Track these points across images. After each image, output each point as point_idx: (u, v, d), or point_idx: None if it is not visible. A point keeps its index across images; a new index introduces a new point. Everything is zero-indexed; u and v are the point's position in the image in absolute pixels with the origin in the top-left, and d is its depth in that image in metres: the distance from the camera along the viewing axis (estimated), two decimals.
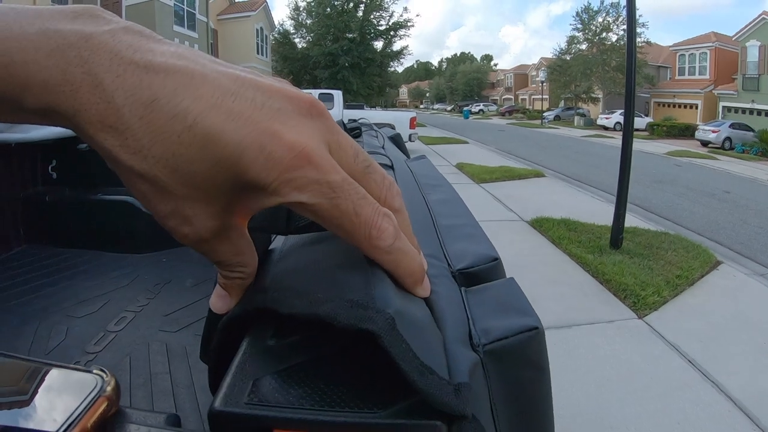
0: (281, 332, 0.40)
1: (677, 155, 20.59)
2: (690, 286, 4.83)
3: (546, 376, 0.52)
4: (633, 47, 5.65)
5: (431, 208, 0.94)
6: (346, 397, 0.34)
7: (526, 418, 0.51)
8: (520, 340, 0.48)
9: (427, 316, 0.42)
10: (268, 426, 0.32)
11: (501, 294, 0.58)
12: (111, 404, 0.35)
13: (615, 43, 39.69)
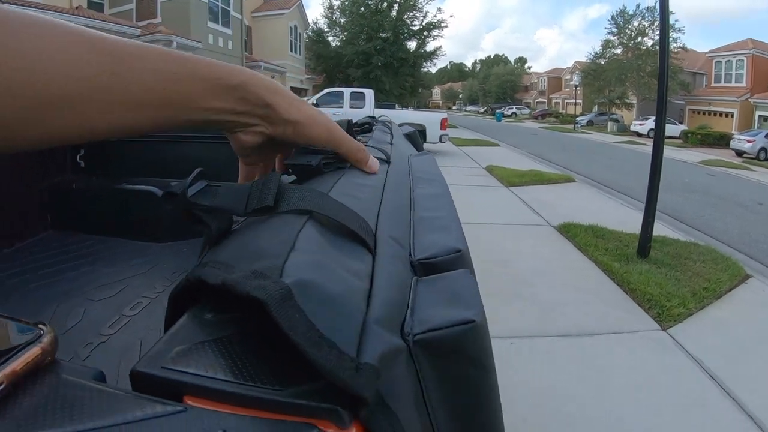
0: (220, 307, 0.41)
1: (711, 164, 20.25)
2: (717, 299, 4.74)
3: (489, 376, 0.50)
4: (666, 52, 5.57)
5: (414, 200, 0.93)
6: (260, 372, 0.34)
7: (467, 420, 0.49)
8: (455, 332, 0.45)
9: (350, 294, 0.40)
10: (179, 392, 0.33)
11: (451, 285, 0.55)
12: (45, 354, 0.36)
13: (650, 48, 39.20)
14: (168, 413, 0.32)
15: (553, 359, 3.43)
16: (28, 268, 2.08)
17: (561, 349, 3.59)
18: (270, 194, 0.54)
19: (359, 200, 0.63)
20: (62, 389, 0.34)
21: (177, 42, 18.53)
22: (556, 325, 3.93)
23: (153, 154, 2.70)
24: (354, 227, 0.55)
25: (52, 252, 2.25)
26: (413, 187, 1.05)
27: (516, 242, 6.21)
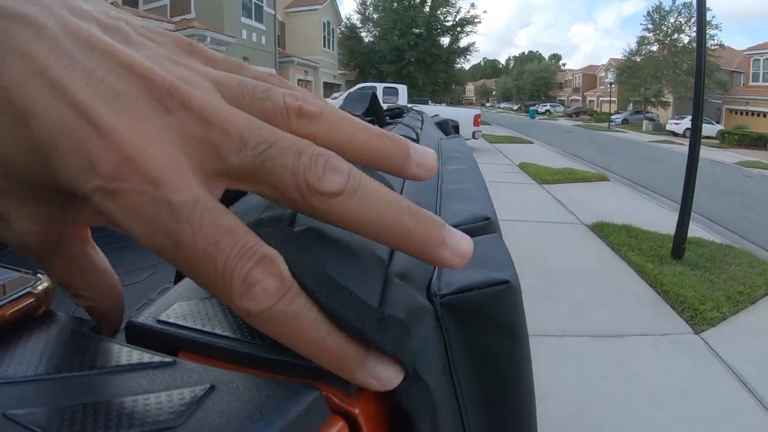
0: None
1: (748, 166, 19.80)
2: (752, 304, 4.66)
3: (522, 344, 0.44)
4: (703, 49, 5.48)
5: (442, 175, 0.89)
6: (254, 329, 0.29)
7: (497, 393, 0.44)
8: (485, 294, 0.41)
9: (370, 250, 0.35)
10: (175, 346, 0.31)
11: (481, 249, 0.43)
12: (39, 303, 0.35)
13: (687, 45, 38.49)
14: (155, 364, 0.29)
15: (583, 360, 3.41)
16: None
17: (591, 349, 3.58)
18: None
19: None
20: (52, 337, 0.33)
21: (211, 37, 18.73)
22: (587, 325, 3.91)
23: None
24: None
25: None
26: (441, 163, 0.99)
27: (548, 240, 6.17)
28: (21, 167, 0.24)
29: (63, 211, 0.27)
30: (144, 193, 0.22)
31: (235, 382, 0.27)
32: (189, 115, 0.24)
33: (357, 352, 0.25)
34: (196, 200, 0.22)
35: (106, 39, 0.24)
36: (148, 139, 0.23)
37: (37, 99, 0.22)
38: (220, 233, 0.22)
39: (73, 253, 0.30)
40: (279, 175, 0.24)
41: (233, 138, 0.24)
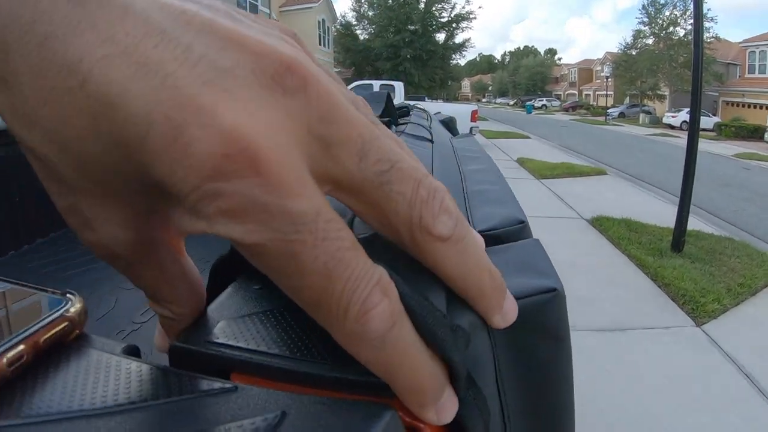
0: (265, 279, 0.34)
1: (745, 158, 19.82)
2: (752, 295, 4.68)
3: (566, 349, 0.45)
4: (700, 41, 5.49)
5: (464, 176, 0.87)
6: (319, 347, 0.29)
7: (540, 401, 0.44)
8: (534, 302, 0.41)
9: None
10: (225, 368, 0.30)
11: (522, 255, 0.50)
12: (73, 326, 0.32)
13: (683, 38, 38.45)
14: (216, 391, 0.27)
15: (586, 354, 3.43)
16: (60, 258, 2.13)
17: (594, 343, 3.60)
18: None
19: None
20: (93, 362, 0.31)
21: None
22: (589, 320, 3.93)
23: None
24: None
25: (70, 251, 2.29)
26: (460, 164, 1.00)
27: (548, 235, 6.18)
28: (104, 164, 0.21)
29: (153, 213, 0.24)
30: (255, 196, 0.19)
31: (304, 406, 0.26)
32: (308, 101, 0.20)
33: (441, 381, 0.24)
34: (319, 209, 0.20)
35: (205, 13, 0.21)
36: (259, 126, 0.19)
37: (122, 85, 0.18)
38: (343, 249, 0.20)
39: (164, 262, 0.27)
40: (394, 201, 0.22)
41: (354, 145, 0.21)
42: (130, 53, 0.18)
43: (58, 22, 0.19)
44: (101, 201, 0.23)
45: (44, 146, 0.21)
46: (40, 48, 0.19)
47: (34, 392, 0.28)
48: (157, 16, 0.19)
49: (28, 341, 0.29)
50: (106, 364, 0.30)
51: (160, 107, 0.18)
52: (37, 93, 0.19)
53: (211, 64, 0.19)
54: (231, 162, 0.18)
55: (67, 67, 0.19)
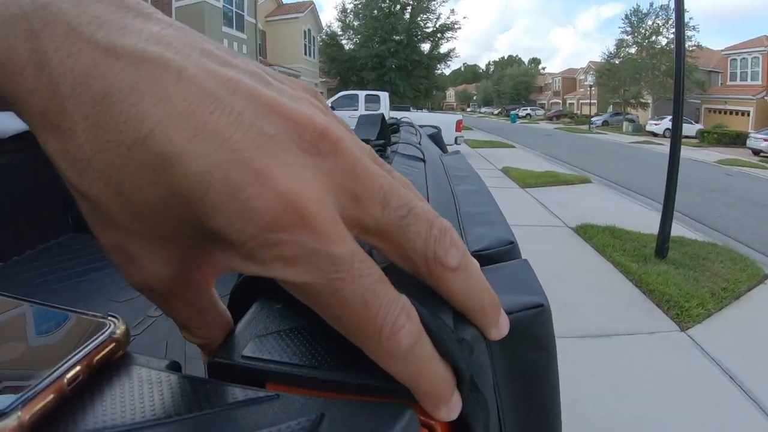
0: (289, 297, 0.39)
1: (728, 164, 20.08)
2: (736, 299, 4.74)
3: (552, 360, 0.52)
4: (682, 50, 5.57)
5: (456, 196, 0.94)
6: (343, 357, 0.33)
7: (530, 403, 0.51)
8: (524, 316, 0.48)
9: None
10: (261, 380, 0.34)
11: (513, 274, 0.58)
12: (119, 346, 0.36)
13: (665, 46, 38.91)
14: (262, 399, 0.31)
15: (573, 360, 3.45)
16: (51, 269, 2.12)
17: (580, 349, 3.62)
18: None
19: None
20: (143, 378, 0.34)
21: None
22: (576, 326, 3.96)
23: None
24: None
25: (75, 254, 2.28)
26: (452, 184, 1.07)
27: (533, 244, 6.21)
28: (158, 211, 0.23)
29: (195, 256, 0.27)
30: (305, 244, 0.22)
31: (338, 408, 0.30)
32: (339, 162, 0.24)
33: (452, 385, 0.28)
34: (354, 252, 0.23)
35: (247, 81, 0.24)
36: (305, 186, 0.22)
37: (183, 145, 0.21)
38: (375, 281, 0.24)
39: (198, 295, 0.30)
40: (413, 240, 0.26)
41: (378, 195, 0.25)
42: (189, 116, 0.21)
43: (112, 80, 0.21)
44: (150, 242, 0.25)
45: (96, 190, 0.23)
46: (97, 102, 0.21)
47: (93, 408, 0.31)
48: (209, 83, 0.22)
49: (82, 362, 0.32)
50: (155, 379, 0.34)
51: (220, 168, 0.21)
52: (92, 142, 0.22)
53: (260, 130, 0.22)
54: (285, 216, 0.22)
55: (128, 124, 0.21)
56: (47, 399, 0.30)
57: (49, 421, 0.29)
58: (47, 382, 0.30)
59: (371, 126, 1.19)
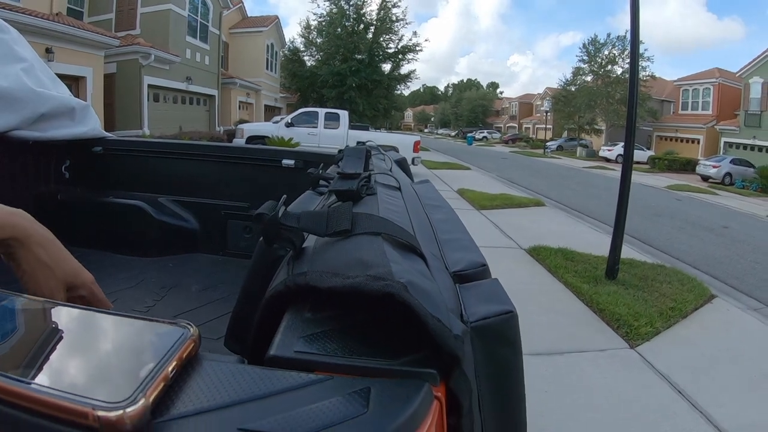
0: (314, 309, 0.56)
1: (677, 189, 20.68)
2: (683, 318, 4.87)
3: (519, 355, 0.67)
4: (635, 79, 5.75)
5: (433, 224, 1.13)
6: (370, 351, 0.49)
7: (501, 388, 0.65)
8: (498, 320, 0.63)
9: (436, 290, 0.55)
10: (310, 369, 0.45)
11: (486, 290, 0.74)
12: (197, 345, 0.48)
13: (620, 75, 39.92)
14: (321, 380, 0.44)
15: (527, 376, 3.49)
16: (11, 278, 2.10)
17: (533, 366, 3.65)
18: (347, 220, 0.70)
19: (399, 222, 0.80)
20: (223, 368, 0.47)
21: (155, 55, 18.48)
22: (528, 345, 3.95)
23: (139, 168, 2.73)
24: (412, 243, 0.71)
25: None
26: (426, 212, 1.26)
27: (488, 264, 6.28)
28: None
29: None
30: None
31: (378, 384, 0.44)
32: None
33: None
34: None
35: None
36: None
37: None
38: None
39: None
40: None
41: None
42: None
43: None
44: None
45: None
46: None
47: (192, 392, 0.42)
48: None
49: (179, 356, 0.45)
50: (233, 369, 0.47)
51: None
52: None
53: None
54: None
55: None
56: (159, 387, 0.41)
57: (162, 400, 0.40)
58: (157, 374, 0.42)
59: (357, 159, 1.28)
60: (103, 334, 0.54)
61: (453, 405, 0.52)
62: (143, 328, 0.53)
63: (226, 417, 0.39)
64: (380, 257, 0.58)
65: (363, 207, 0.87)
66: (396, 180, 1.31)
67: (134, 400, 0.38)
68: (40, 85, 2.20)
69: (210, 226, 2.64)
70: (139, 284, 2.21)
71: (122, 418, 0.37)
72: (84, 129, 2.49)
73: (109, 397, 0.39)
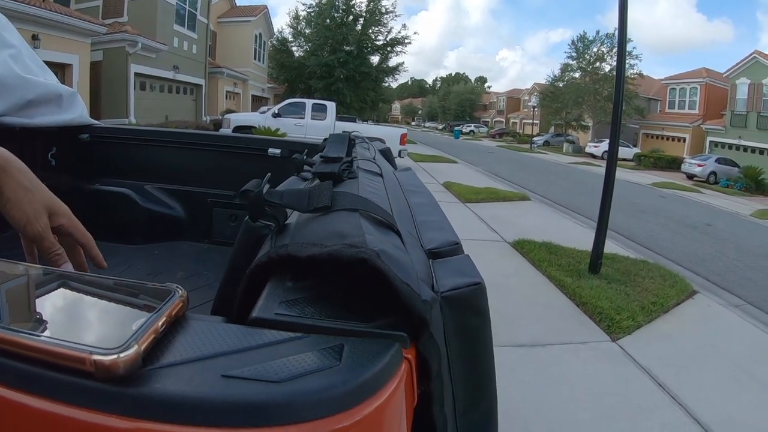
0: (295, 279, 0.60)
1: (662, 186, 20.83)
2: (665, 313, 4.92)
3: (487, 323, 0.71)
4: (622, 76, 5.79)
5: (412, 208, 1.18)
6: (346, 314, 0.53)
7: (470, 353, 0.69)
8: (467, 291, 0.67)
9: (407, 260, 0.59)
10: (289, 329, 0.49)
11: (457, 265, 0.79)
12: (185, 306, 0.53)
13: (608, 73, 40.10)
14: (298, 337, 0.48)
15: (509, 368, 3.50)
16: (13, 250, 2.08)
17: (517, 358, 3.69)
18: (327, 197, 0.75)
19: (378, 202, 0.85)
20: (209, 326, 0.51)
21: (142, 43, 18.26)
22: (512, 336, 4.03)
23: (126, 156, 2.72)
24: (388, 220, 0.76)
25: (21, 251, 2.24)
26: (407, 197, 1.31)
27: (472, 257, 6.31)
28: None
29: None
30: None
31: (350, 342, 0.48)
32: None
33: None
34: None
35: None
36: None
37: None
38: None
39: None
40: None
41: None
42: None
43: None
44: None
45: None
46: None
47: (177, 344, 0.47)
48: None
49: (168, 314, 0.49)
50: (218, 327, 0.51)
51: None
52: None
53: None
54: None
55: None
56: (150, 338, 0.45)
57: (152, 350, 0.45)
58: (148, 327, 0.46)
59: (340, 144, 1.34)
60: (98, 293, 0.58)
61: (423, 369, 0.57)
62: (136, 289, 0.57)
63: (210, 366, 0.43)
64: (356, 229, 0.64)
65: (343, 188, 0.92)
66: (378, 167, 1.35)
67: (127, 347, 0.42)
68: (27, 72, 2.18)
69: (196, 213, 2.64)
70: (125, 271, 2.21)
71: (116, 362, 0.40)
72: (71, 116, 2.47)
73: (104, 344, 0.42)
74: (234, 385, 0.41)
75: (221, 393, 0.40)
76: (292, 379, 0.41)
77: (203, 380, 0.41)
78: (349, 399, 0.42)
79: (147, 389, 0.40)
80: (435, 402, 0.60)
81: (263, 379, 0.41)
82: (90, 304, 0.57)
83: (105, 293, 0.58)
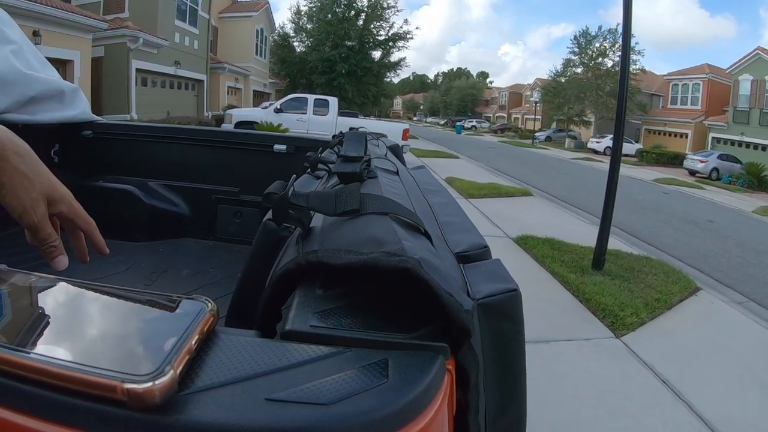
0: (325, 286, 0.57)
1: (665, 183, 20.78)
2: (668, 309, 4.92)
3: (521, 331, 0.71)
4: (626, 72, 5.77)
5: (433, 208, 1.15)
6: (383, 326, 0.51)
7: (504, 362, 0.68)
8: (503, 298, 0.66)
9: (446, 267, 0.57)
10: (327, 344, 0.47)
11: (490, 269, 0.77)
12: (215, 319, 0.50)
13: (610, 68, 39.97)
14: (340, 352, 0.46)
15: None
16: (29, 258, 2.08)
17: None
18: (356, 200, 0.73)
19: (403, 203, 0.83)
20: (242, 341, 0.49)
21: (144, 38, 18.26)
22: None
23: (129, 152, 2.71)
24: (418, 224, 0.74)
25: (25, 248, 2.24)
26: (425, 196, 1.28)
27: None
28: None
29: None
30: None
31: (395, 356, 0.47)
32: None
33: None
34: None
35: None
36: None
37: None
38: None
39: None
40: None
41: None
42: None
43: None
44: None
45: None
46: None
47: (213, 364, 0.44)
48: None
49: (200, 330, 0.46)
50: (251, 342, 0.48)
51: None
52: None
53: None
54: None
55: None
56: (184, 360, 0.42)
57: (187, 375, 0.42)
58: (182, 347, 0.43)
59: (358, 143, 1.32)
60: (122, 309, 0.55)
61: (462, 379, 0.56)
62: (162, 304, 0.55)
63: (252, 388, 0.41)
64: (391, 235, 0.61)
65: (367, 189, 0.88)
66: (393, 164, 1.34)
67: (162, 372, 0.39)
68: (29, 68, 2.18)
69: (200, 210, 2.64)
70: (129, 269, 2.20)
71: (151, 390, 0.38)
72: (73, 112, 2.47)
73: (136, 370, 0.40)
74: (280, 409, 0.39)
75: (267, 419, 0.38)
76: (341, 401, 0.40)
77: (246, 405, 0.39)
78: (400, 418, 0.41)
79: (186, 417, 0.38)
80: (471, 411, 0.59)
81: (311, 402, 0.39)
82: (114, 320, 0.54)
83: (129, 307, 0.55)
